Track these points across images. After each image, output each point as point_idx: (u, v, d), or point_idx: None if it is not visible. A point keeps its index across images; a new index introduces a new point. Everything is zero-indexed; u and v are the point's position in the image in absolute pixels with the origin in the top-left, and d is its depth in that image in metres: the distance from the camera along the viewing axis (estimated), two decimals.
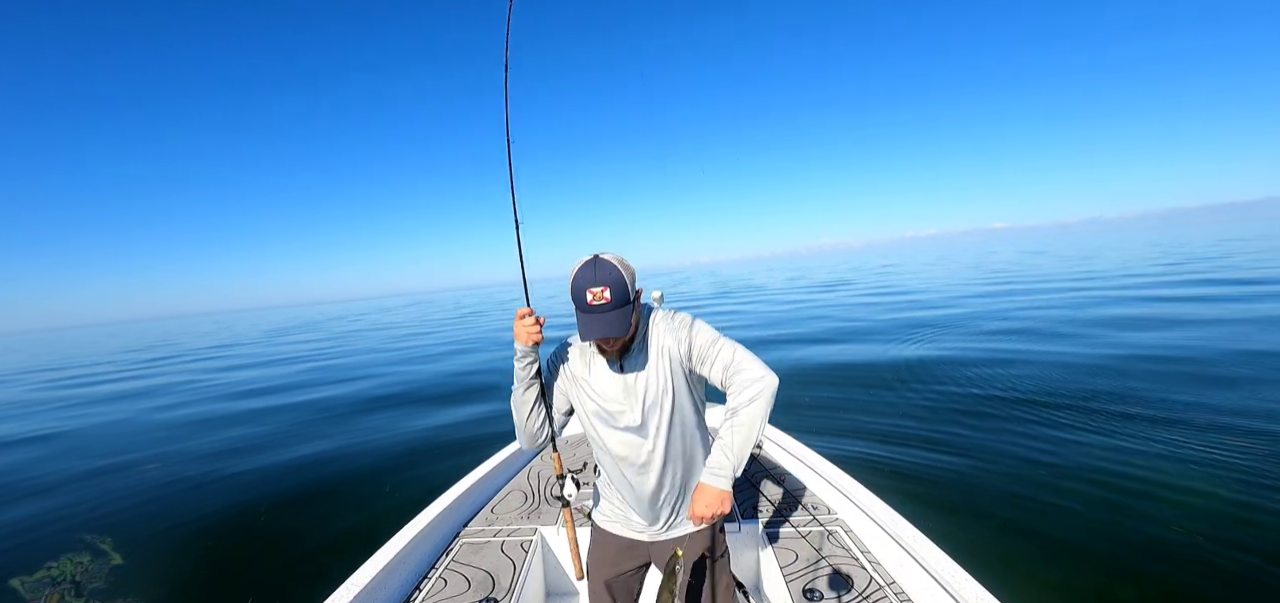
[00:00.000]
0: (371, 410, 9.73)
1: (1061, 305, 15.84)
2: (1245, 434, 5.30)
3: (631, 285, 1.46)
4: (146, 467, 7.35)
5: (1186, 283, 19.27)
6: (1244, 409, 6.01)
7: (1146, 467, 4.81)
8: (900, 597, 2.15)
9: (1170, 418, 5.94)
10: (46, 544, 4.93)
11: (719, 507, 1.46)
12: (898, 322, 15.30)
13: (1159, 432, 5.58)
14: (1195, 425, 5.64)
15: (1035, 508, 4.28)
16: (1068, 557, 3.65)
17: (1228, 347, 8.92)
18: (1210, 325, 10.89)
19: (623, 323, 1.42)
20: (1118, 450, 5.20)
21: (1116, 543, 3.76)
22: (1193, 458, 4.90)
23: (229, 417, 10.13)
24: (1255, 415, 5.78)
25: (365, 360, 17.17)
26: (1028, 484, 4.67)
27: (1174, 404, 6.38)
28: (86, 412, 12.04)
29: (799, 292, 30.96)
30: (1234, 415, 5.83)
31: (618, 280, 1.41)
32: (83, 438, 9.38)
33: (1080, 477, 4.71)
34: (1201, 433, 5.43)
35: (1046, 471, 4.90)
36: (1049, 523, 4.04)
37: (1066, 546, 3.77)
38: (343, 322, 46.28)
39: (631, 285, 1.46)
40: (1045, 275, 27.36)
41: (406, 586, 2.36)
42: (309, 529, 4.93)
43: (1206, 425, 5.61)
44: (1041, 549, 3.75)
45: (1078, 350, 9.58)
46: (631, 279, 1.47)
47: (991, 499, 4.48)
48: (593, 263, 1.44)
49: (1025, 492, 4.54)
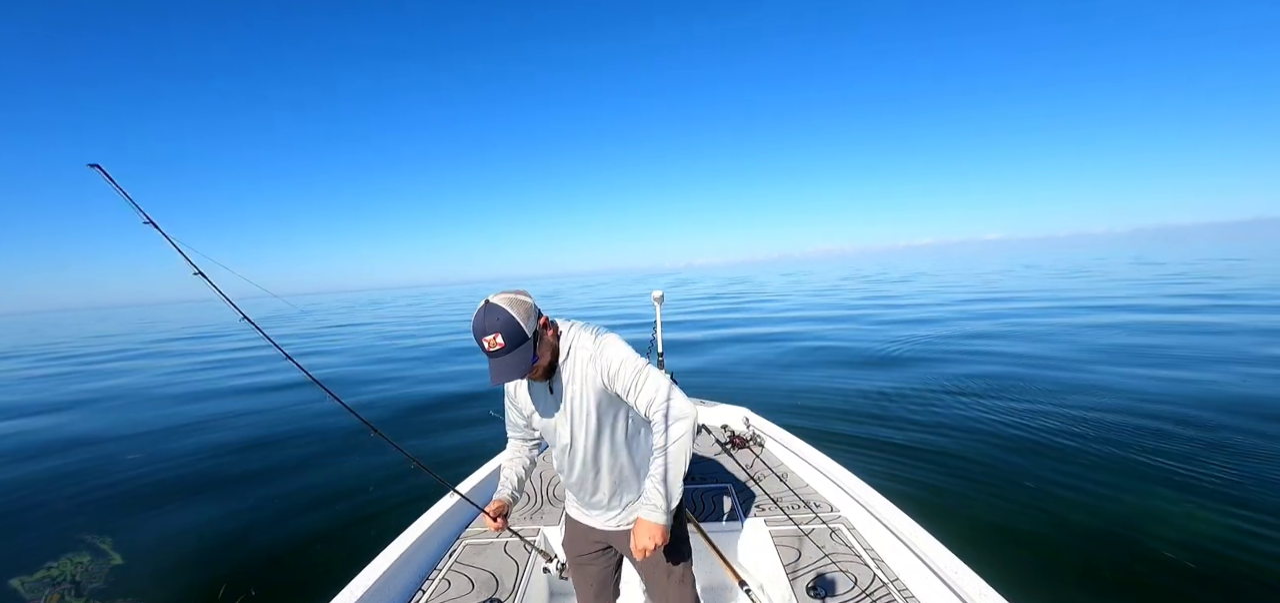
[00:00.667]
0: (375, 411, 9.73)
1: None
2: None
3: (527, 322, 1.47)
4: (147, 466, 7.33)
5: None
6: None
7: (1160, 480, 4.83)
8: (904, 594, 2.15)
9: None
10: (46, 544, 4.91)
11: (659, 539, 1.52)
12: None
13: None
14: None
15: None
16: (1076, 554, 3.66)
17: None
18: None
19: (521, 364, 1.46)
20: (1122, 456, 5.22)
21: (1118, 543, 3.77)
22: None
23: (230, 416, 10.10)
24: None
25: (366, 361, 17.15)
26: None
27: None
28: (86, 408, 12.00)
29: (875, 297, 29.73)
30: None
31: (507, 323, 1.44)
32: (82, 437, 9.34)
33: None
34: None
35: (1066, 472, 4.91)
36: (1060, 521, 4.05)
37: (1070, 545, 3.78)
38: (336, 313, 46.26)
39: (527, 322, 1.47)
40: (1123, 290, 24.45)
41: (410, 587, 2.36)
42: (312, 529, 4.92)
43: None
44: (1049, 547, 3.77)
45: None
46: (526, 315, 1.48)
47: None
48: (484, 309, 1.47)
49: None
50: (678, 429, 1.47)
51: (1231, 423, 5.76)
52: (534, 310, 1.52)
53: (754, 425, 4.01)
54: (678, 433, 1.47)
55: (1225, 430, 5.55)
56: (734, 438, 3.90)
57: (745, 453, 3.69)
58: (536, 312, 1.53)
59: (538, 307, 1.54)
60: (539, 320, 1.53)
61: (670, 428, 1.47)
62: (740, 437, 3.91)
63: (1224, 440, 5.29)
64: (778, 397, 8.33)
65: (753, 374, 10.30)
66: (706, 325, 19.47)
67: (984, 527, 4.05)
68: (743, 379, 9.92)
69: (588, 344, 1.57)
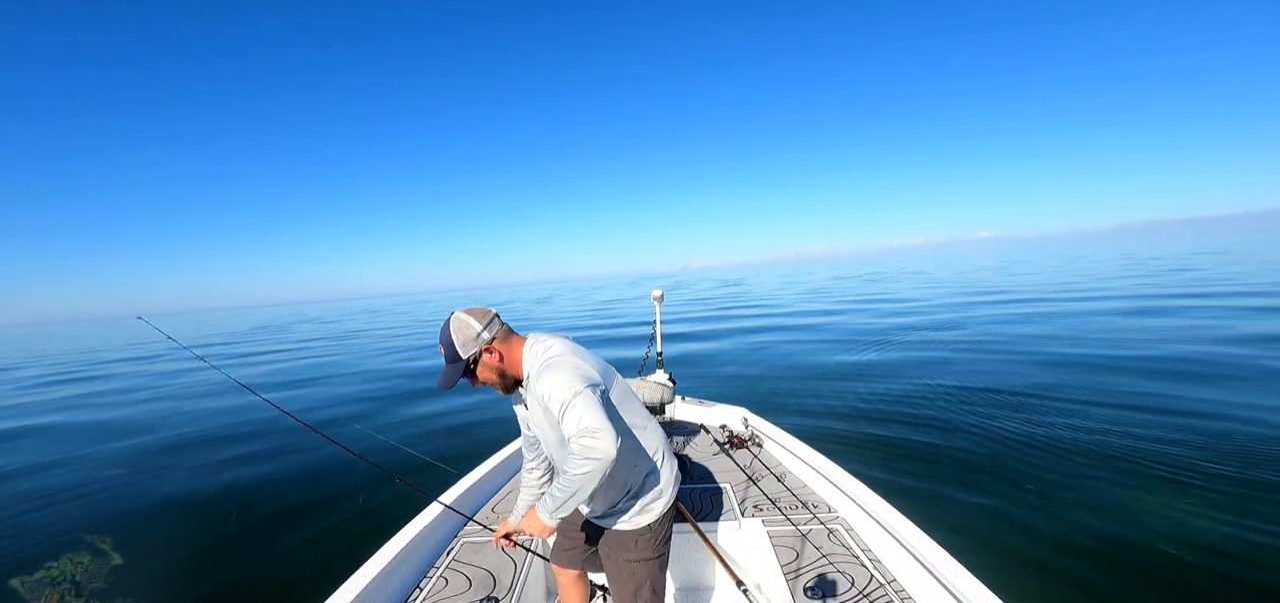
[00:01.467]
0: (376, 410, 9.74)
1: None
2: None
3: (466, 346, 1.60)
4: (147, 465, 7.34)
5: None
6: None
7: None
8: (902, 595, 2.15)
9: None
10: (47, 544, 4.92)
11: (542, 534, 1.65)
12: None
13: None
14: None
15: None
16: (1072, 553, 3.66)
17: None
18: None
19: (451, 379, 1.63)
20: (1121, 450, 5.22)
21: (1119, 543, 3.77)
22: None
23: (230, 413, 10.11)
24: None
25: (365, 360, 17.16)
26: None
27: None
28: (84, 409, 12.03)
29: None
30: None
31: (448, 342, 1.62)
32: (82, 435, 9.36)
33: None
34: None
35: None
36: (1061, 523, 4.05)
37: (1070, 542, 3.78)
38: (335, 322, 46.29)
39: (466, 346, 1.60)
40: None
41: (407, 585, 2.37)
42: (310, 529, 4.92)
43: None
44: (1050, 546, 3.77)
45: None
46: (466, 341, 1.60)
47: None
48: (446, 321, 1.65)
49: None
50: (585, 467, 1.46)
51: (1237, 427, 5.76)
52: (479, 337, 1.61)
53: (753, 426, 4.02)
54: (583, 469, 1.46)
55: (1226, 433, 5.55)
56: (733, 438, 3.90)
57: (743, 453, 3.70)
58: (483, 339, 1.61)
59: (492, 335, 1.62)
60: (483, 347, 1.62)
61: (578, 463, 1.46)
62: (739, 437, 3.91)
63: (1226, 446, 5.28)
64: (775, 396, 8.34)
65: (749, 373, 10.30)
66: (702, 323, 19.50)
67: (983, 528, 4.05)
68: (739, 380, 9.93)
69: (535, 368, 1.62)
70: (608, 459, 1.43)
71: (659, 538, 1.79)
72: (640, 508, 1.74)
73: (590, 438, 1.44)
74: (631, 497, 1.75)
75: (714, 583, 2.70)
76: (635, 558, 1.78)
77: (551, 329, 1.78)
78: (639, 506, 1.74)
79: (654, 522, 1.76)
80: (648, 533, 1.76)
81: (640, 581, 1.79)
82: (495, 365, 1.64)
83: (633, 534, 1.77)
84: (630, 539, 1.77)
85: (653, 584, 1.81)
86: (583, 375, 1.53)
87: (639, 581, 1.78)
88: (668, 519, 1.81)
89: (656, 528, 1.77)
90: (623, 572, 1.79)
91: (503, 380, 1.68)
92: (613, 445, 1.43)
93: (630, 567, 1.78)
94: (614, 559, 1.81)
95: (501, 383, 1.68)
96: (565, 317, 30.70)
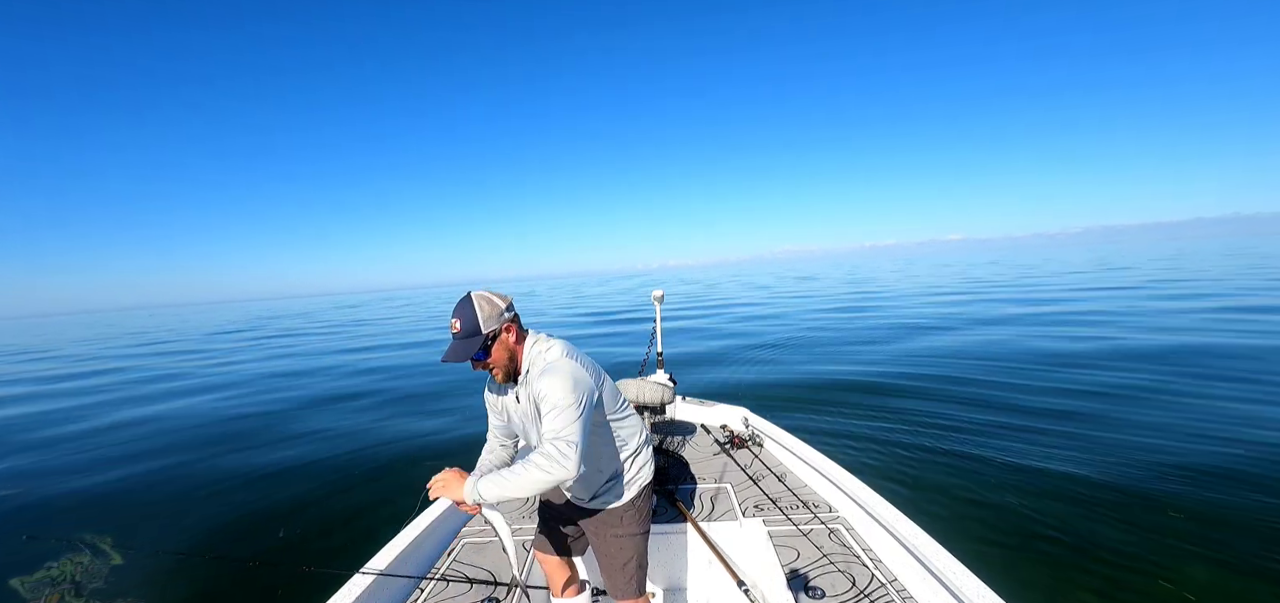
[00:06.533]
0: (375, 409, 9.72)
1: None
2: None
3: (489, 321, 1.64)
4: (147, 465, 7.33)
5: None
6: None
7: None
8: (903, 594, 2.16)
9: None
10: (47, 544, 4.91)
11: (461, 501, 1.64)
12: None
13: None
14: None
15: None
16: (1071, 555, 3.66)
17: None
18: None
19: (466, 352, 1.64)
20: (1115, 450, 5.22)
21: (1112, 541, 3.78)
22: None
23: (231, 413, 10.10)
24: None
25: (364, 359, 17.14)
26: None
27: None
28: (84, 407, 12.00)
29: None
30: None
31: (469, 315, 1.64)
32: (81, 435, 9.35)
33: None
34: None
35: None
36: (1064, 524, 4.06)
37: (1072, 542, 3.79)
38: (335, 313, 46.24)
39: (489, 321, 1.64)
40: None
41: (408, 585, 2.37)
42: (310, 528, 4.92)
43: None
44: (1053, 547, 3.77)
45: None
46: (490, 316, 1.65)
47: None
48: (463, 298, 1.68)
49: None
50: (545, 466, 1.51)
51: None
52: (501, 315, 1.67)
53: (753, 425, 4.02)
54: (541, 468, 1.51)
55: (1228, 438, 5.56)
56: (733, 438, 3.90)
57: (744, 453, 3.70)
58: (505, 318, 1.68)
59: (512, 315, 1.71)
60: (503, 325, 1.68)
61: (542, 460, 1.52)
62: (739, 437, 3.91)
63: (1228, 447, 5.30)
64: (774, 393, 8.34)
65: (745, 373, 10.31)
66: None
67: (983, 528, 4.05)
68: (736, 380, 9.93)
69: (537, 367, 1.70)
70: (565, 476, 1.52)
71: (642, 514, 1.95)
72: (623, 487, 1.90)
73: (564, 446, 1.52)
74: (615, 479, 1.90)
75: (714, 583, 2.71)
76: (622, 533, 1.92)
77: (538, 326, 1.86)
78: (622, 485, 1.90)
79: (636, 497, 1.92)
80: (632, 509, 1.92)
81: (629, 555, 1.93)
82: (510, 346, 1.71)
83: (618, 511, 1.92)
84: (616, 516, 1.92)
85: (639, 557, 1.95)
86: (579, 390, 1.61)
87: (627, 555, 1.93)
88: (647, 496, 1.98)
89: (640, 504, 1.94)
90: (611, 547, 1.94)
91: (510, 364, 1.73)
92: (574, 470, 1.52)
93: (619, 542, 1.93)
94: (603, 537, 1.95)
95: (508, 367, 1.73)
96: (548, 314, 30.70)
